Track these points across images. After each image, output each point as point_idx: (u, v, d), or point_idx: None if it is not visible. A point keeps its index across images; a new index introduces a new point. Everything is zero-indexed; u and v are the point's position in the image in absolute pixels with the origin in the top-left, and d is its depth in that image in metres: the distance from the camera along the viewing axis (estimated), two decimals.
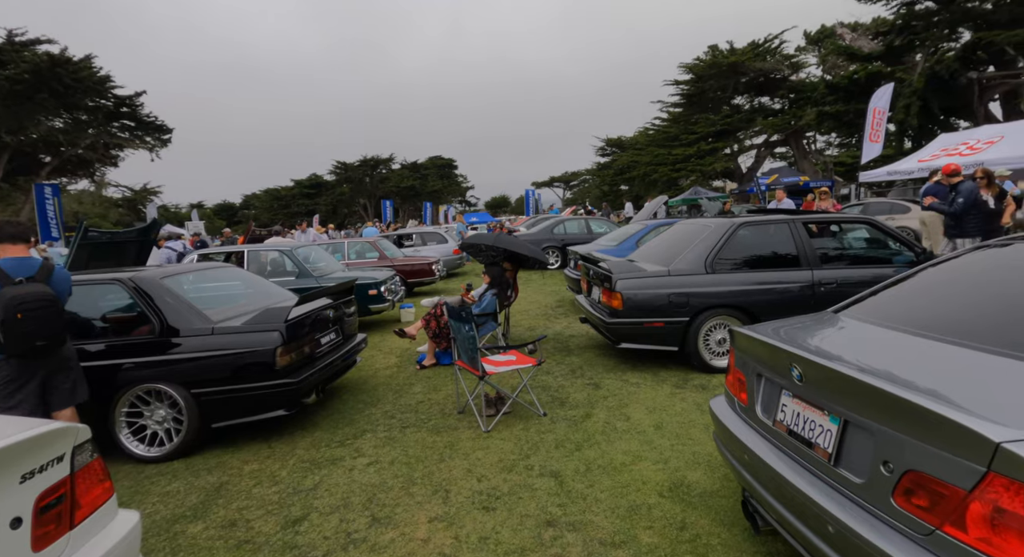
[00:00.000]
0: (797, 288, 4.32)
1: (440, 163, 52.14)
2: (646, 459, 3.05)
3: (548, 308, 8.16)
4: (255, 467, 3.28)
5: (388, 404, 4.34)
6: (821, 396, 1.68)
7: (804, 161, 26.61)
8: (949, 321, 1.78)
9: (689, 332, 4.39)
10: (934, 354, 1.59)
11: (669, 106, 30.38)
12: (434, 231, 15.67)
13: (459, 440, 3.49)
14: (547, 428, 3.60)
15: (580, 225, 13.92)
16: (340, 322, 4.58)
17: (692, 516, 2.46)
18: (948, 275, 2.10)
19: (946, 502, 1.24)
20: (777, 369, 1.93)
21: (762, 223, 4.58)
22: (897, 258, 4.49)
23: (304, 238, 12.32)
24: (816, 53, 26.76)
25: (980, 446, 1.16)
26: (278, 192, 51.26)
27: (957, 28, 17.96)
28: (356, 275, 7.28)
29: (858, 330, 1.97)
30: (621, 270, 4.59)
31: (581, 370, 4.84)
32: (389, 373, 5.25)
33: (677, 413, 3.67)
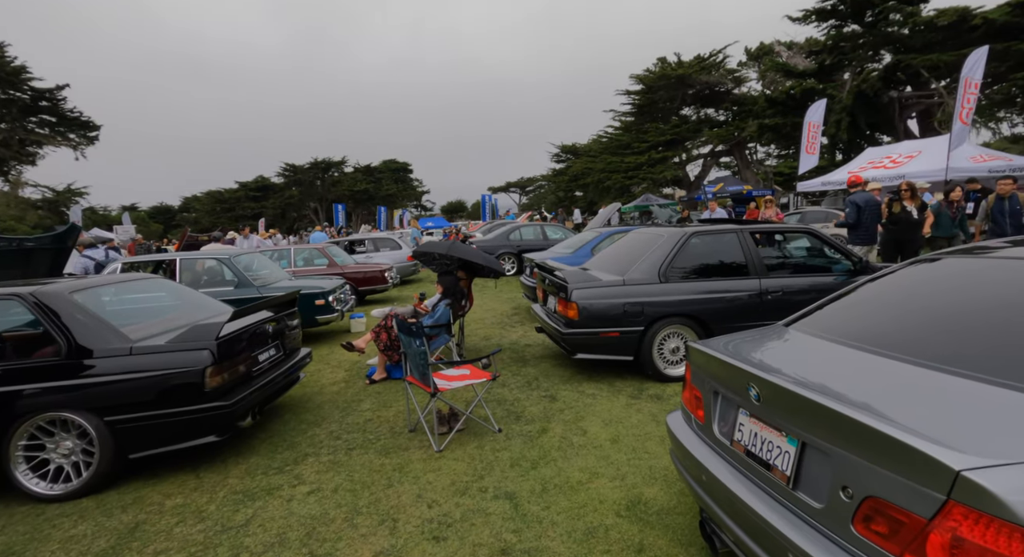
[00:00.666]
0: (746, 296, 4.41)
1: (395, 166, 51.23)
2: (603, 476, 2.98)
3: (504, 316, 8.06)
4: (179, 502, 2.96)
5: (334, 423, 4.08)
6: (779, 417, 1.65)
7: (747, 170, 27.96)
8: (897, 336, 1.79)
9: (644, 341, 4.39)
10: (887, 372, 1.58)
11: (621, 115, 31.18)
12: (387, 237, 15.25)
13: (409, 462, 3.30)
14: (502, 445, 3.47)
15: (536, 231, 13.93)
16: (281, 336, 4.28)
17: (650, 537, 2.40)
18: (889, 289, 2.14)
19: (906, 530, 1.20)
20: (734, 388, 1.89)
21: (713, 232, 4.66)
22: (836, 266, 4.68)
23: (247, 244, 11.64)
24: (756, 68, 28.27)
25: (940, 473, 1.13)
26: (221, 194, 48.67)
27: (880, 50, 19.42)
28: (301, 285, 6.91)
29: (811, 346, 1.97)
30: (576, 280, 4.54)
31: (537, 381, 4.74)
32: (336, 389, 4.97)
33: (633, 425, 3.64)
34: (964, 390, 1.38)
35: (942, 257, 2.14)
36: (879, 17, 18.13)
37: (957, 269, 1.99)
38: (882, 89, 18.49)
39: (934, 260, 2.15)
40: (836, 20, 19.83)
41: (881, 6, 17.75)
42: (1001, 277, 1.78)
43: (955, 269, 2.00)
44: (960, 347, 1.57)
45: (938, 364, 1.51)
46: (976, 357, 1.48)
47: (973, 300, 1.80)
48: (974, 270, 1.93)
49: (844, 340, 1.89)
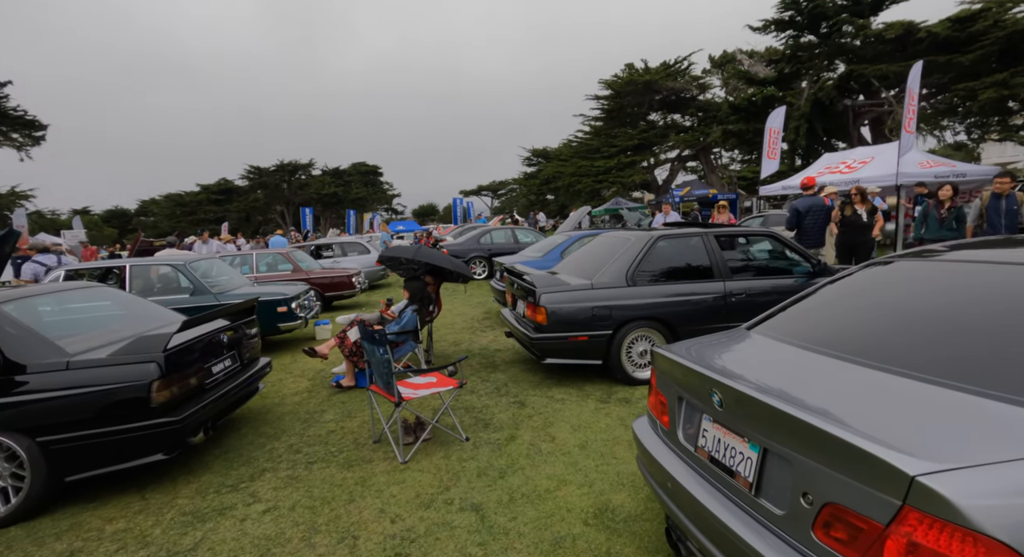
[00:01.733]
0: (711, 299, 4.47)
1: (364, 170, 50.42)
2: (571, 483, 2.94)
3: (474, 321, 7.97)
4: (120, 526, 2.76)
5: (294, 436, 3.91)
6: (741, 423, 1.64)
7: (712, 175, 28.71)
8: (854, 339, 1.82)
9: (612, 345, 4.39)
10: (845, 376, 1.59)
11: (591, 119, 31.57)
12: (355, 241, 14.93)
13: (373, 475, 3.19)
14: (469, 454, 3.39)
15: (507, 235, 13.90)
16: (238, 346, 4.08)
17: (617, 544, 2.37)
18: (845, 292, 2.17)
19: (864, 536, 1.20)
20: (698, 393, 1.87)
21: (679, 236, 4.71)
22: (796, 269, 4.80)
23: (205, 249, 11.17)
24: (720, 76, 29.09)
25: (895, 479, 1.12)
26: (181, 197, 46.87)
27: (834, 60, 20.26)
28: (261, 291, 6.65)
29: (772, 349, 1.97)
30: (545, 284, 4.51)
31: (506, 387, 4.68)
32: (298, 399, 4.78)
33: (602, 430, 3.62)
34: (919, 394, 1.39)
35: (894, 260, 2.19)
36: (833, 28, 18.92)
37: (909, 273, 2.04)
38: (837, 97, 19.30)
39: (887, 263, 2.20)
40: (793, 31, 20.61)
41: (835, 18, 18.55)
42: (951, 281, 1.83)
43: (907, 273, 2.05)
44: (914, 351, 1.59)
45: (893, 367, 1.53)
46: (930, 361, 1.50)
47: (925, 304, 1.84)
48: (925, 274, 1.98)
49: (804, 344, 1.90)
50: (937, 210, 6.97)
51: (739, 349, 2.07)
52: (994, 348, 1.46)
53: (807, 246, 7.52)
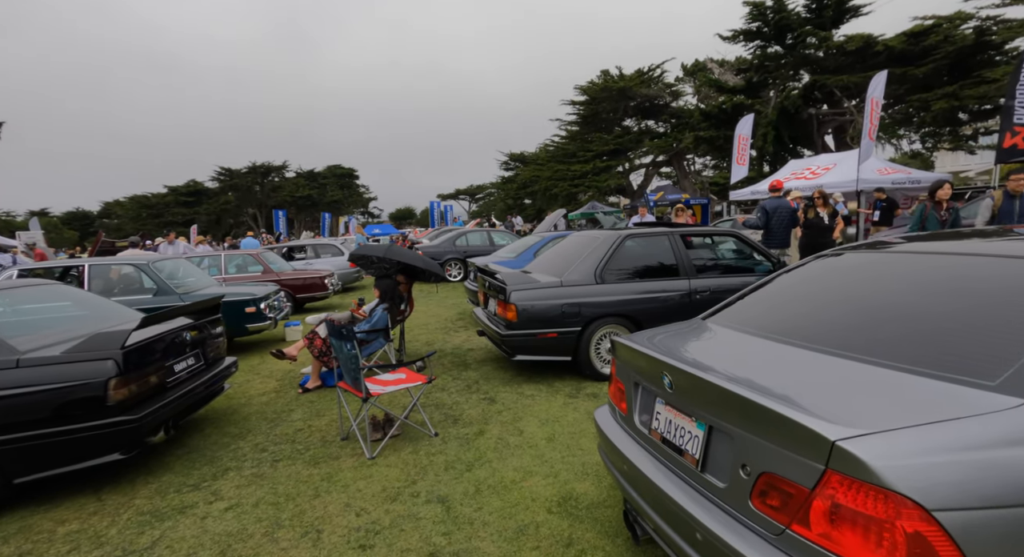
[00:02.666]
0: (677, 296, 4.59)
1: (340, 172, 49.76)
2: (537, 474, 2.98)
3: (448, 322, 7.97)
4: (74, 528, 2.68)
5: (260, 435, 3.85)
6: (689, 403, 1.71)
7: (685, 180, 29.34)
8: (797, 325, 1.92)
9: (581, 341, 4.47)
10: (787, 358, 1.68)
11: (567, 124, 31.94)
12: (329, 243, 14.75)
13: (339, 471, 3.17)
14: (438, 449, 3.40)
15: (482, 237, 13.93)
16: (202, 345, 4.01)
17: (579, 530, 2.42)
18: (795, 282, 2.29)
19: (794, 501, 1.28)
20: (651, 378, 1.95)
21: (646, 235, 4.83)
22: (758, 267, 4.98)
23: (172, 251, 10.86)
24: (692, 83, 29.81)
25: (819, 445, 1.20)
26: (148, 199, 45.42)
27: (799, 70, 21.02)
28: (227, 291, 6.52)
29: (723, 336, 2.06)
30: (515, 282, 4.56)
31: (477, 385, 4.71)
32: (265, 399, 4.71)
33: (569, 423, 3.68)
34: (845, 371, 1.49)
35: (844, 252, 2.32)
36: (797, 40, 19.65)
37: (856, 263, 2.16)
38: (802, 106, 20.02)
39: (837, 255, 2.32)
40: (761, 41, 21.30)
41: (799, 30, 19.27)
42: (893, 271, 1.94)
43: (854, 263, 2.17)
44: (849, 334, 1.70)
45: (827, 348, 1.63)
46: (858, 342, 1.61)
47: (861, 291, 1.96)
48: (871, 264, 2.10)
49: (753, 330, 2.00)
50: (936, 211, 6.48)
51: (693, 337, 2.16)
52: (913, 329, 1.57)
53: (773, 246, 7.77)
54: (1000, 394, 1.22)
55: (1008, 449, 1.12)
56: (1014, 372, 1.25)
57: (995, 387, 1.24)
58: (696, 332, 2.19)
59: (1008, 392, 1.22)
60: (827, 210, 7.96)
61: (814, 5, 19.33)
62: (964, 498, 1.07)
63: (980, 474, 1.09)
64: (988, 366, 1.30)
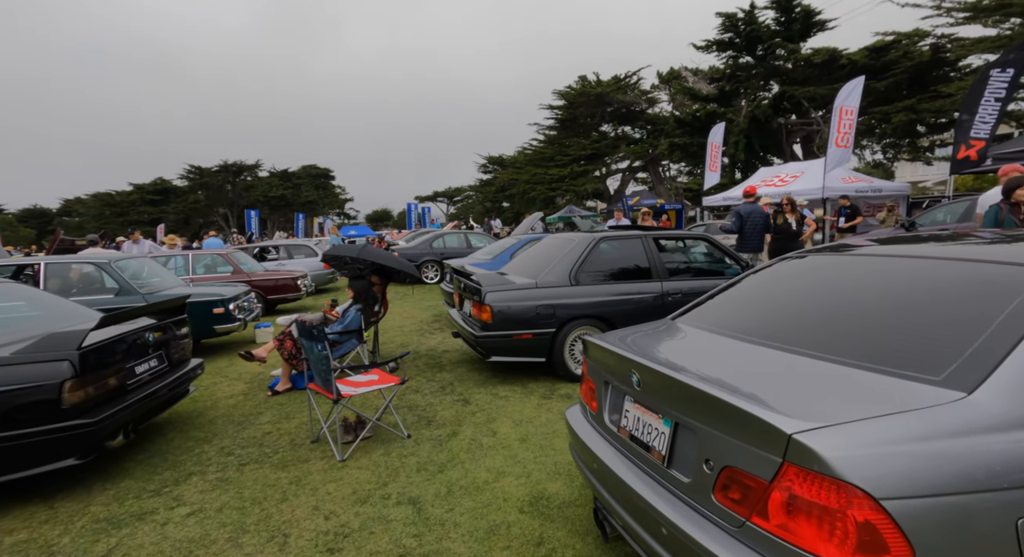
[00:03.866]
0: (650, 298, 4.67)
1: (315, 172, 48.86)
2: (509, 474, 2.98)
3: (424, 323, 7.91)
4: (22, 537, 2.55)
5: (227, 439, 3.75)
6: (656, 400, 1.74)
7: (660, 185, 29.88)
8: (761, 325, 1.98)
9: (555, 343, 4.50)
10: (749, 356, 1.73)
11: (545, 128, 32.17)
12: (302, 243, 14.48)
13: (308, 474, 3.11)
14: (410, 451, 3.37)
15: (459, 239, 13.89)
16: (165, 346, 3.88)
17: (549, 530, 2.43)
18: (760, 283, 2.36)
19: (753, 494, 1.31)
20: (620, 376, 1.97)
21: (620, 238, 4.90)
22: (728, 270, 5.11)
23: (136, 250, 10.49)
24: (667, 91, 30.41)
25: (776, 438, 1.24)
26: (112, 197, 43.76)
27: (769, 81, 21.68)
28: (192, 291, 6.33)
29: (690, 335, 2.11)
30: (490, 283, 4.56)
31: (451, 386, 4.69)
32: (233, 402, 4.59)
33: (542, 424, 3.70)
34: (803, 368, 1.54)
35: (808, 255, 2.40)
36: (768, 51, 20.28)
37: (818, 265, 2.24)
38: (772, 116, 20.64)
39: (801, 257, 2.40)
40: (733, 51, 21.91)
41: (769, 42, 19.88)
42: (852, 272, 2.02)
43: (816, 265, 2.24)
44: (805, 332, 1.76)
45: (787, 346, 1.69)
46: (816, 340, 1.67)
47: (825, 291, 2.03)
48: (832, 266, 2.17)
49: (719, 330, 2.05)
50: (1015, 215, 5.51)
51: (662, 337, 2.20)
52: (867, 327, 1.64)
53: (746, 250, 7.96)
54: (944, 388, 1.28)
55: (951, 440, 1.18)
56: (957, 367, 1.31)
57: (940, 382, 1.30)
58: (665, 332, 2.23)
59: (952, 386, 1.28)
60: (795, 216, 8.22)
61: (783, 18, 19.99)
62: (911, 487, 1.12)
63: (925, 464, 1.15)
64: (934, 362, 1.37)
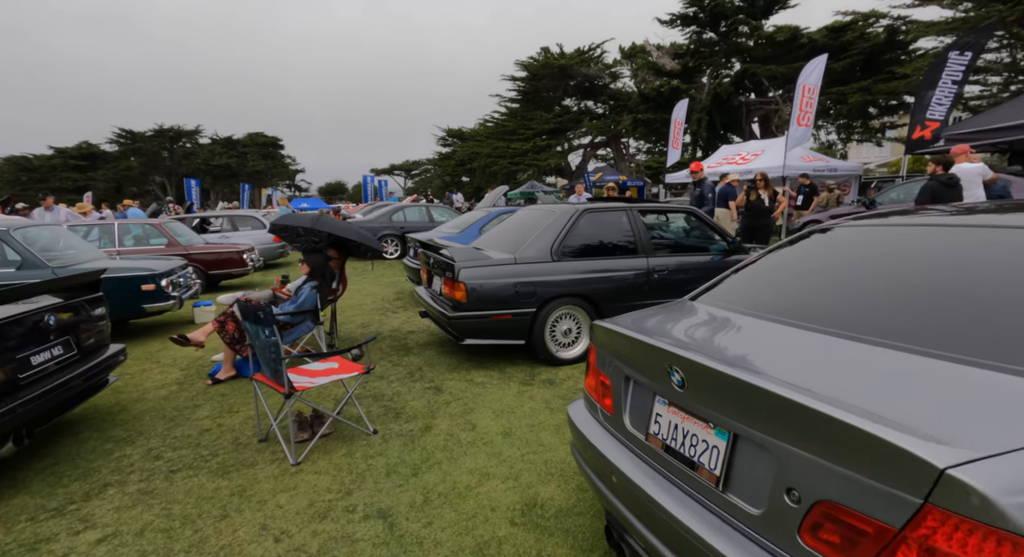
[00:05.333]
0: (635, 275, 4.35)
1: (262, 141, 45.72)
2: (495, 476, 2.61)
3: (385, 301, 7.37)
4: None
5: (155, 438, 3.18)
6: (705, 405, 1.38)
7: (622, 162, 29.83)
8: (818, 307, 1.64)
9: (536, 323, 4.13)
10: (823, 348, 1.38)
11: (507, 100, 31.25)
12: (249, 214, 13.34)
13: (255, 482, 2.63)
14: (377, 450, 2.94)
15: (421, 212, 13.21)
16: (74, 330, 3.23)
17: (548, 546, 2.09)
18: (797, 259, 2.03)
19: (868, 542, 0.98)
20: (650, 372, 1.60)
21: (604, 210, 4.53)
22: (713, 246, 4.85)
23: (50, 218, 9.24)
24: (629, 67, 30.03)
25: (918, 472, 0.90)
26: (29, 162, 39.48)
27: (731, 58, 21.70)
28: (118, 266, 5.52)
29: (730, 320, 1.76)
30: (465, 258, 4.11)
31: (421, 372, 4.25)
32: (165, 393, 3.97)
33: (526, 415, 3.34)
34: (909, 366, 1.21)
35: (834, 227, 2.10)
36: (731, 27, 20.21)
37: (854, 238, 1.93)
38: (733, 93, 20.73)
39: (826, 230, 2.10)
40: (697, 27, 21.72)
41: (732, 18, 19.78)
42: (908, 244, 1.71)
43: (852, 238, 1.94)
44: (887, 318, 1.43)
45: (870, 337, 1.35)
46: (908, 328, 1.33)
47: (893, 270, 1.68)
48: (875, 238, 1.87)
49: (759, 312, 1.71)
50: None
51: (692, 321, 1.84)
52: (964, 311, 1.32)
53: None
54: None
55: None
56: None
57: None
58: (696, 316, 1.87)
59: None
60: (768, 192, 8.13)
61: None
62: None
63: None
64: None
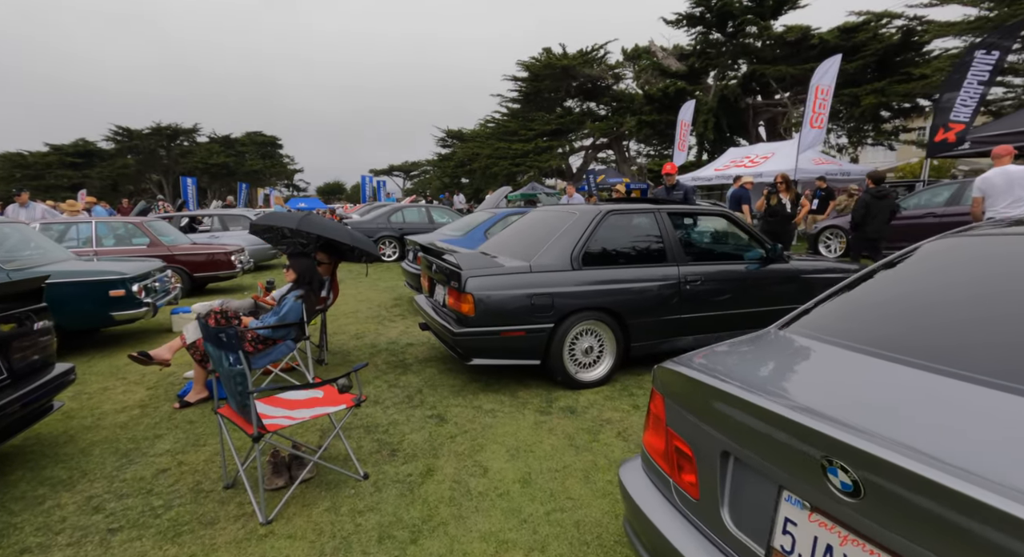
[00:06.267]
0: (665, 285, 3.82)
1: (261, 140, 45.10)
2: (516, 546, 2.07)
3: (382, 308, 6.82)
4: None
5: (100, 481, 2.63)
6: (901, 530, 0.85)
7: (624, 165, 29.35)
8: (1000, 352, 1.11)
9: (553, 341, 3.59)
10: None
11: (509, 101, 30.78)
12: (240, 213, 12.76)
13: (212, 550, 2.08)
14: (368, 503, 2.39)
15: (420, 213, 12.67)
16: (4, 349, 2.69)
17: None
18: (923, 279, 1.51)
19: None
20: (781, 458, 1.07)
21: (630, 212, 4.00)
22: (749, 253, 4.33)
23: (24, 215, 8.66)
24: (632, 68, 29.55)
25: None
26: (23, 158, 38.81)
27: (738, 59, 21.24)
28: (80, 269, 4.94)
29: (907, 378, 1.20)
30: (473, 265, 3.57)
31: (421, 395, 3.71)
32: (124, 419, 3.42)
33: (547, 455, 2.80)
34: None
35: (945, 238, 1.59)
36: (738, 28, 19.74)
37: (991, 253, 1.41)
38: (740, 95, 20.26)
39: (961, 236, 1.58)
40: (703, 27, 21.27)
41: (740, 18, 19.32)
42: None
43: (993, 251, 1.42)
44: None
45: None
46: None
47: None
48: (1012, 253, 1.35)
49: (933, 362, 1.18)
50: None
51: (832, 370, 1.28)
52: None
53: None
54: None
55: None
56: None
57: None
58: (834, 362, 1.32)
59: None
60: (789, 195, 7.59)
61: None
62: None
63: None
64: None
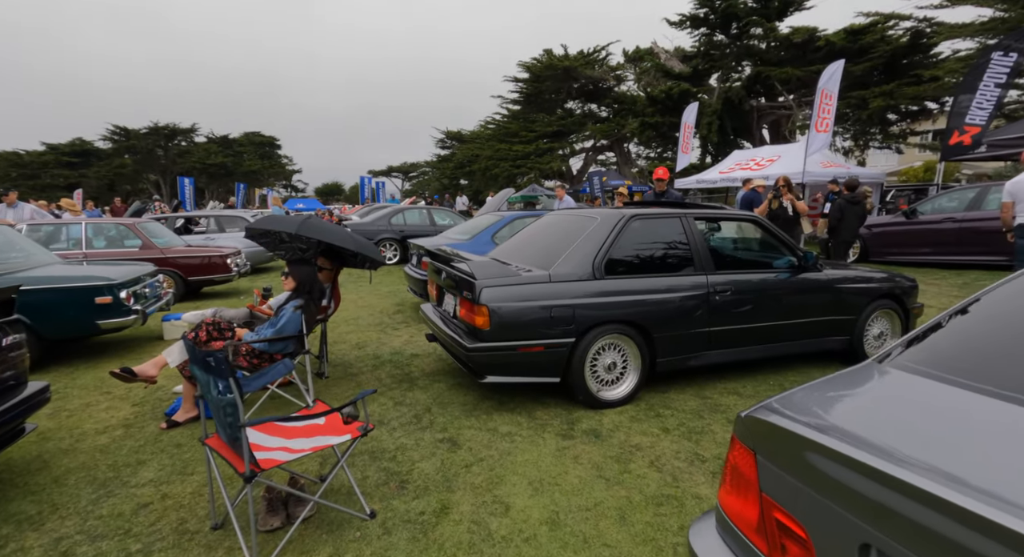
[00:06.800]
0: (693, 296, 3.55)
1: (259, 140, 44.83)
2: None
3: (385, 315, 6.53)
4: None
5: (73, 518, 2.34)
6: None
7: (626, 167, 29.11)
8: None
9: (574, 356, 3.30)
10: None
11: (509, 102, 30.57)
12: (238, 215, 12.46)
13: None
14: (376, 548, 2.10)
15: (422, 215, 12.40)
16: None
17: None
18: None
19: None
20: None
21: (655, 216, 3.71)
22: (777, 261, 4.06)
23: (12, 215, 8.33)
24: (633, 70, 29.31)
25: None
26: (19, 157, 38.48)
27: (743, 61, 21.03)
28: (60, 273, 4.65)
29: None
30: (487, 274, 3.28)
31: (430, 414, 3.41)
32: (106, 441, 3.13)
33: (574, 489, 2.50)
34: None
35: None
36: (743, 29, 19.53)
37: None
38: (744, 98, 20.04)
39: None
40: (707, 28, 21.05)
41: (745, 19, 19.11)
42: None
43: None
44: None
45: None
46: None
47: None
48: None
49: None
50: None
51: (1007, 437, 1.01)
52: None
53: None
54: None
55: None
56: None
57: None
58: (981, 419, 1.05)
59: None
60: (791, 198, 7.26)
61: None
62: None
63: None
64: None
